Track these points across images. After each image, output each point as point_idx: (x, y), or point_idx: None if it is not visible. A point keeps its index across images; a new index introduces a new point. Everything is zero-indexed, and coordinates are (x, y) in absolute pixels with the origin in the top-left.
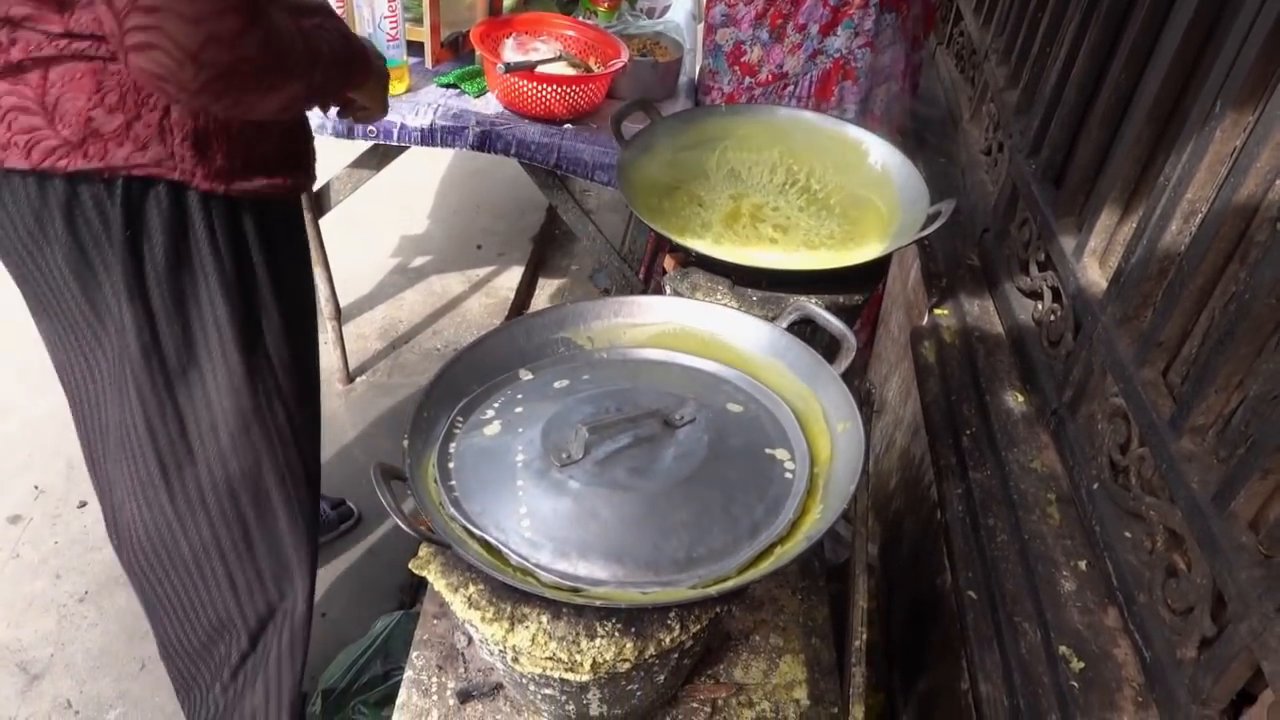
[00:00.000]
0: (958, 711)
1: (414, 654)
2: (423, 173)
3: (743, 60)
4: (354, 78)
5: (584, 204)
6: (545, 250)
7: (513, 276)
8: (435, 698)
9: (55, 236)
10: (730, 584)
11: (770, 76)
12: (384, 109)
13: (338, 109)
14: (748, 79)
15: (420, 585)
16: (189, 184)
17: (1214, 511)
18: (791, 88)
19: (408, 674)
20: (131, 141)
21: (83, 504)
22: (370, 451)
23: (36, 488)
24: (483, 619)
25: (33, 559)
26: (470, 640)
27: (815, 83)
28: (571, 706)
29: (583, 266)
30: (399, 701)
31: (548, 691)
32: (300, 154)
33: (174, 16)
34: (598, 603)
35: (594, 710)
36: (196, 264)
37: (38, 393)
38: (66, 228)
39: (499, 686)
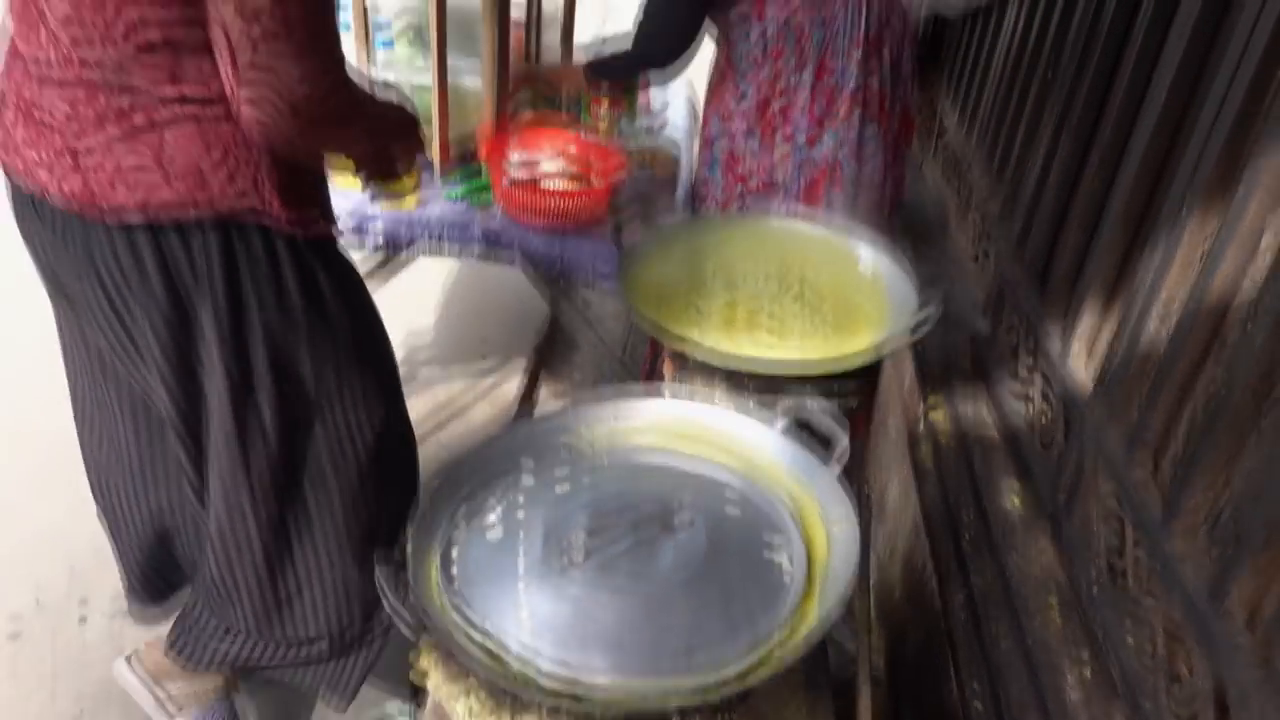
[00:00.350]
0: None
1: None
2: (428, 284)
3: (736, 170)
4: (409, 137)
5: (586, 314)
6: (548, 357)
7: (517, 383)
8: None
9: (151, 283)
10: (730, 689)
11: (761, 185)
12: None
13: (374, 178)
14: (739, 186)
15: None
16: (276, 229)
17: (1210, 610)
18: (782, 194)
19: None
20: (234, 192)
21: (83, 619)
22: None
23: (38, 601)
24: None
25: (30, 679)
26: None
27: (803, 190)
28: None
29: (585, 374)
30: None
31: None
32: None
33: (282, 76)
34: (598, 702)
35: None
36: (281, 300)
37: (42, 501)
38: (162, 274)
39: None
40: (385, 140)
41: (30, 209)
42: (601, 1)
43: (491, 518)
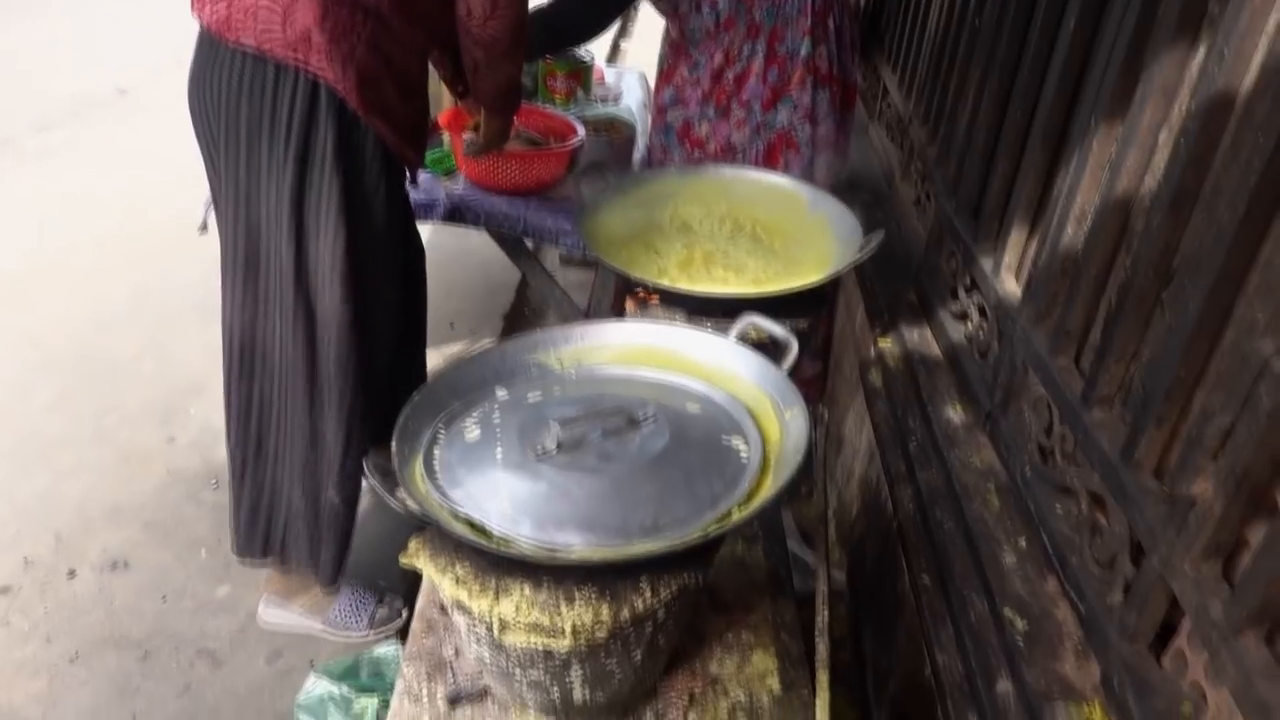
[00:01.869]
0: (923, 696)
1: (404, 666)
2: None
3: (692, 135)
4: (514, 107)
5: (552, 277)
6: (515, 327)
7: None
8: (425, 704)
9: (255, 100)
10: (694, 540)
11: (718, 149)
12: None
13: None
14: (697, 152)
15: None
16: (346, 99)
17: (1123, 466)
18: (739, 157)
19: (398, 685)
20: (326, 57)
21: (72, 573)
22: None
23: (26, 560)
24: (469, 594)
25: (23, 626)
26: (458, 652)
27: (762, 154)
28: (556, 691)
29: None
30: (391, 710)
31: (533, 675)
32: (413, 133)
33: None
34: (574, 559)
35: (577, 695)
36: (328, 155)
37: (24, 474)
38: (265, 97)
39: (486, 690)
40: (510, 105)
41: (205, 49)
42: None
43: (469, 423)
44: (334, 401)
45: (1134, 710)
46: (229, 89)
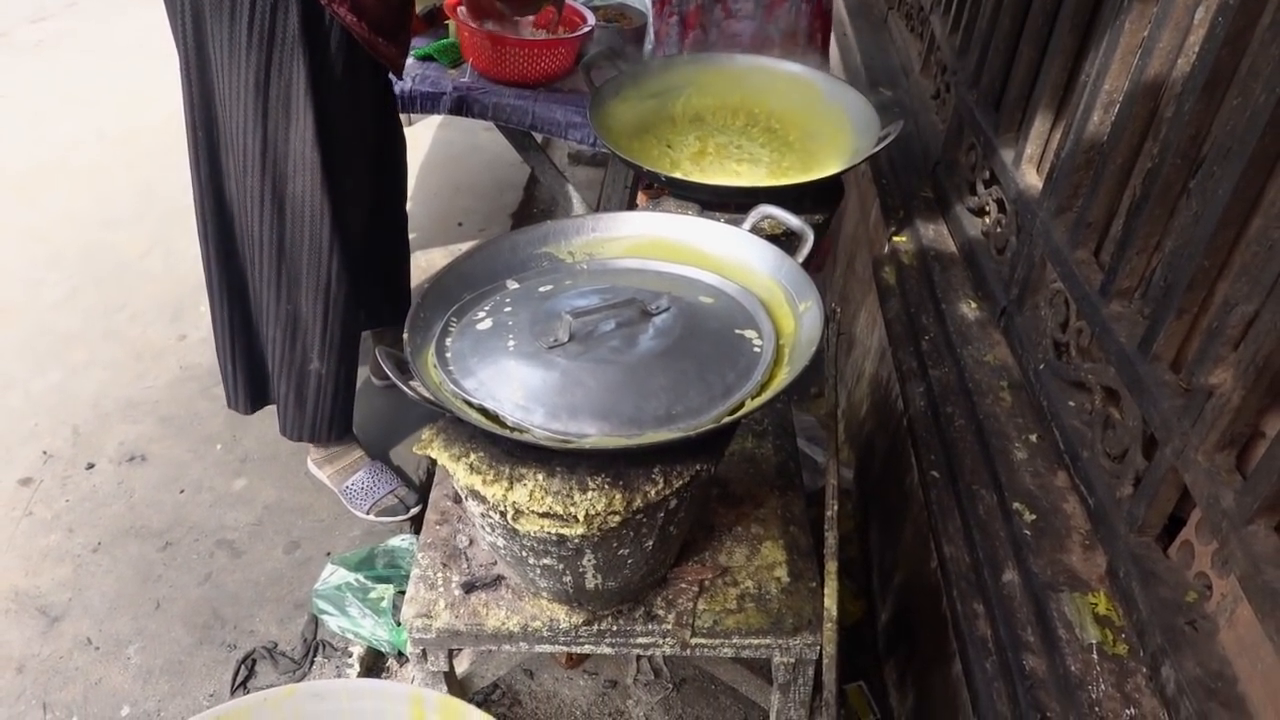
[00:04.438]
0: (927, 590)
1: (419, 555)
2: None
3: None
4: None
5: (562, 172)
6: (524, 225)
7: None
8: (441, 590)
9: None
10: (706, 428)
11: None
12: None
13: None
14: None
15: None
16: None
17: (1140, 359)
18: None
19: (414, 572)
20: None
21: (90, 465)
22: (373, 416)
23: (45, 453)
24: (483, 482)
25: (45, 516)
26: (472, 541)
27: None
28: (569, 578)
29: None
30: (408, 595)
31: (546, 562)
32: (386, 27)
33: None
34: (587, 447)
35: (589, 582)
36: (293, 40)
37: (38, 370)
38: None
39: (500, 577)
40: None
41: None
42: None
43: (480, 314)
44: (307, 280)
45: (1139, 599)
46: None
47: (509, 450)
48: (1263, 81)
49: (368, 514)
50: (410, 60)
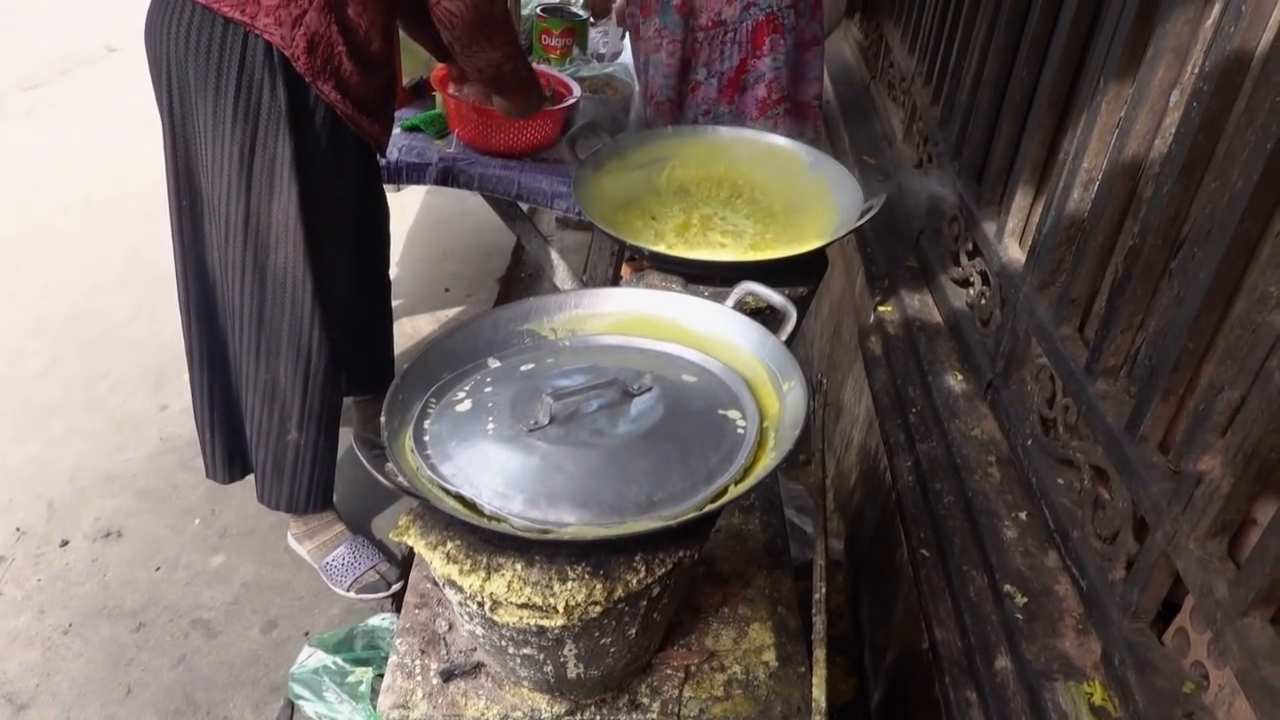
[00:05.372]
0: (920, 671)
1: (397, 641)
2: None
3: (688, 6)
4: (530, 99)
5: (548, 240)
6: (510, 291)
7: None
8: (419, 678)
9: (201, 55)
10: (688, 516)
11: (710, 23)
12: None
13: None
14: (690, 21)
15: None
16: (293, 62)
17: (1128, 439)
18: (731, 34)
19: (391, 659)
20: (274, 19)
21: (64, 543)
22: (356, 485)
23: (18, 529)
24: (460, 571)
25: (16, 596)
26: (451, 626)
27: (750, 32)
28: (550, 668)
29: None
30: (384, 684)
31: (526, 652)
32: (371, 107)
33: None
34: (566, 537)
35: (571, 671)
36: (278, 115)
37: (15, 442)
38: (211, 53)
39: (480, 665)
40: (519, 54)
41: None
42: None
43: (460, 394)
44: (286, 350)
45: (1135, 689)
46: (177, 41)
47: (487, 539)
48: (1239, 166)
49: (349, 591)
50: (397, 131)
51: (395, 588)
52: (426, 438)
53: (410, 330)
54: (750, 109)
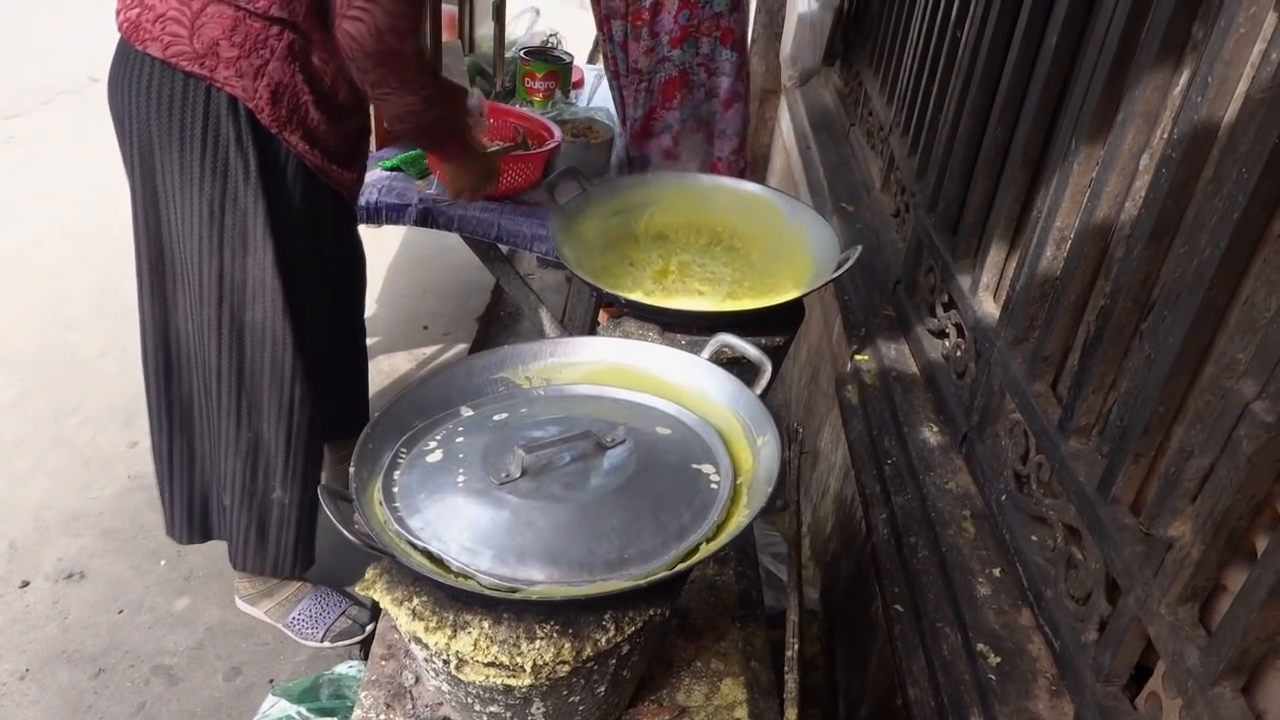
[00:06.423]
0: None
1: (362, 694)
2: (369, 261)
3: (624, 46)
4: (446, 143)
5: (528, 282)
6: (490, 330)
7: (459, 355)
8: None
9: (163, 112)
10: (659, 576)
11: (631, 69)
12: (458, 193)
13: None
14: (628, 63)
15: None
16: (257, 114)
17: (1100, 500)
18: (645, 83)
19: (356, 713)
20: (235, 71)
21: (25, 584)
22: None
23: None
24: (426, 629)
25: None
26: (418, 679)
27: (662, 84)
28: None
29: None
30: None
31: (493, 710)
32: (341, 155)
33: (380, 8)
34: (534, 597)
35: None
36: (247, 170)
37: None
38: (174, 109)
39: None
40: (443, 103)
41: (119, 52)
42: None
43: (431, 444)
44: (269, 406)
45: None
46: (139, 97)
47: (454, 595)
48: (1208, 233)
49: (322, 641)
50: (378, 171)
51: (370, 628)
52: (396, 489)
53: (388, 368)
54: (655, 156)
